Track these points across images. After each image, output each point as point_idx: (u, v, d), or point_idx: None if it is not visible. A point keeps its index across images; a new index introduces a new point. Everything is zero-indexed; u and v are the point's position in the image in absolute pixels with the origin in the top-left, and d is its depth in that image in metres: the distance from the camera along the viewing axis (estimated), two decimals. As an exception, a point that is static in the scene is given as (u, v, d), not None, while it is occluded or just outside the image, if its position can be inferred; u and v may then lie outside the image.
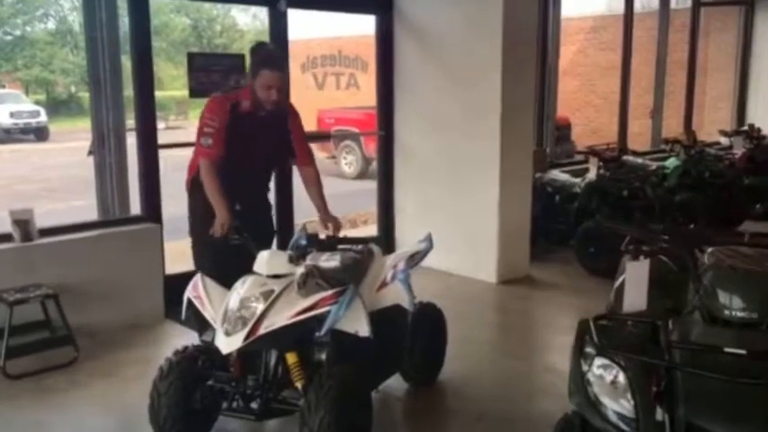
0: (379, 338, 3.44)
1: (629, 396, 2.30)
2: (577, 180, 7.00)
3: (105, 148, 5.23)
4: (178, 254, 6.24)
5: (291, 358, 3.28)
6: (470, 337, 4.84)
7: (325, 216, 4.12)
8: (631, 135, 10.78)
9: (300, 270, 3.41)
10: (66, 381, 4.22)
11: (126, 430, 3.73)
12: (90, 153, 5.25)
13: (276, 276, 3.31)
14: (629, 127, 10.14)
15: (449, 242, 5.43)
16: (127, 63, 5.36)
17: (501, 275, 6.16)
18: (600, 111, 13.52)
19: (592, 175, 6.81)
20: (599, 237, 6.43)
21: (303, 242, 3.92)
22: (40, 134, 20.46)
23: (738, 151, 9.01)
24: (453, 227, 6.19)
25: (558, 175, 7.33)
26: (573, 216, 6.83)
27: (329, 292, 3.26)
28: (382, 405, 3.94)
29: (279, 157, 4.38)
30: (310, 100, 15.88)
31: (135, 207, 5.41)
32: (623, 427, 2.29)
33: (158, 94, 5.12)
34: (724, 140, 10.36)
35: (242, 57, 5.73)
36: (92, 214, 5.45)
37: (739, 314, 2.35)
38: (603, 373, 2.37)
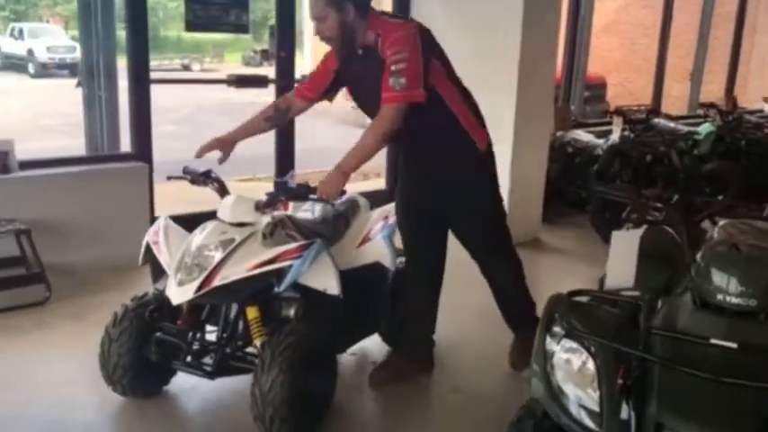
0: (354, 297, 3.18)
1: (596, 386, 1.98)
2: (600, 141, 6.56)
3: (94, 80, 4.98)
4: (172, 197, 6.01)
5: (252, 313, 3.03)
6: (464, 304, 4.51)
7: None
8: (671, 98, 10.22)
9: (267, 219, 3.15)
10: (32, 321, 4.04)
11: (80, 378, 3.46)
12: (78, 85, 5.02)
13: (241, 225, 3.05)
14: (668, 90, 9.59)
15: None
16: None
17: (508, 238, 5.79)
18: (640, 72, 12.80)
19: (615, 136, 6.35)
20: (617, 203, 6.04)
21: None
22: (75, 70, 20.46)
23: (782, 120, 8.44)
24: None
25: (582, 135, 6.88)
26: (592, 179, 6.42)
27: (293, 246, 2.99)
28: (356, 369, 3.70)
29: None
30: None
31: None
32: (586, 422, 1.95)
33: (196, 34, 4.84)
34: (768, 108, 9.77)
35: (245, -12, 5.36)
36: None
37: (735, 300, 1.98)
38: (570, 358, 2.04)
